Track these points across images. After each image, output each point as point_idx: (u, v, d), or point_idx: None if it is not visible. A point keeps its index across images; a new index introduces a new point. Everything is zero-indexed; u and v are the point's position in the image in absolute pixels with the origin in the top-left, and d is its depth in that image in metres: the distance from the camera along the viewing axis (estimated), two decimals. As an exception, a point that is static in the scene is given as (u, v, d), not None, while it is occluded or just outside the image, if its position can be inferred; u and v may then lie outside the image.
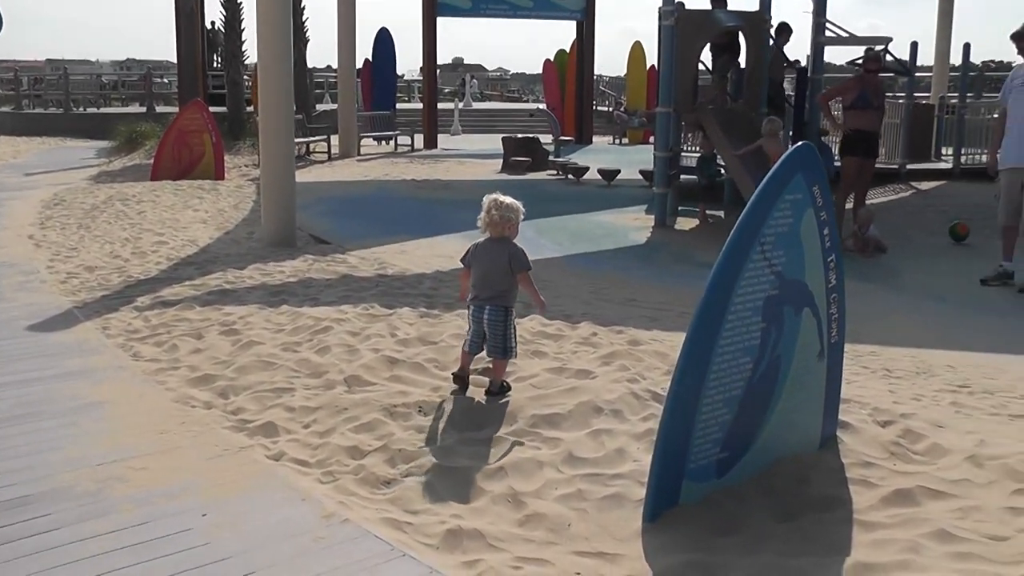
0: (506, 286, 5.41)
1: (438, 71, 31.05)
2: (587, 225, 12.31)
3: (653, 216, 13.09)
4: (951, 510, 3.96)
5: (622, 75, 43.07)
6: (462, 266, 5.65)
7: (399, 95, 34.96)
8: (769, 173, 4.17)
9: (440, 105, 27.58)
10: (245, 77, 25.95)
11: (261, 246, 10.65)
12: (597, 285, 8.41)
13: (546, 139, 22.50)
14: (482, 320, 5.40)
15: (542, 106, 28.46)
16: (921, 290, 9.00)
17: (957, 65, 20.56)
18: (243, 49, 25.67)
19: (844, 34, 13.34)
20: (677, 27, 12.00)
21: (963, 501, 4.04)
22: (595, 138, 28.30)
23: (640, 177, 16.65)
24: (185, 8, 24.53)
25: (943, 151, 18.29)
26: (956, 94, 20.51)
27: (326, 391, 5.46)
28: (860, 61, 12.71)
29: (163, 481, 4.28)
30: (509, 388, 5.50)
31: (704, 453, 4.14)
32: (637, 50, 31.98)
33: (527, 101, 67.39)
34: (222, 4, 25.32)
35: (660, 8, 12.12)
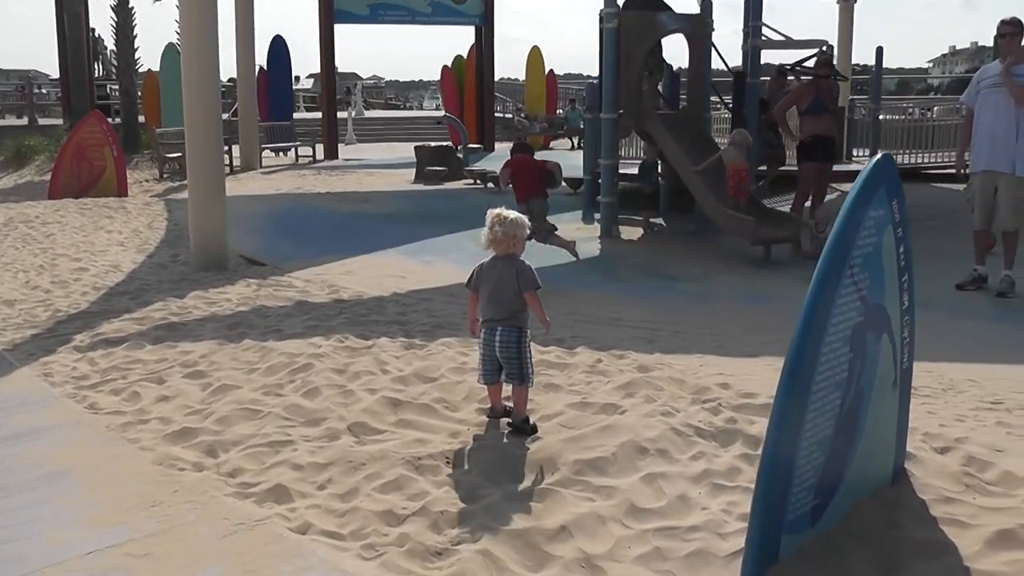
0: (518, 306, 5.01)
1: (312, 80, 30.28)
2: (530, 238, 11.78)
3: (594, 225, 12.66)
4: None
5: (517, 79, 43.01)
6: (468, 291, 5.23)
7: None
8: (856, 187, 3.69)
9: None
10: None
11: (191, 270, 9.81)
12: (571, 304, 7.90)
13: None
14: (493, 344, 4.98)
15: (445, 114, 27.79)
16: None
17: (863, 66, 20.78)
18: (136, 57, 24.40)
19: (780, 38, 13.13)
20: (620, 30, 11.57)
21: None
22: (496, 145, 27.81)
23: (564, 185, 16.29)
24: (71, 13, 23.09)
25: (855, 153, 18.38)
26: (863, 96, 20.80)
27: (331, 442, 4.77)
28: (809, 65, 12.56)
29: (177, 571, 3.57)
30: (535, 430, 5.00)
31: (801, 502, 3.69)
32: (535, 55, 31.76)
33: (411, 108, 66.88)
34: (112, 9, 24.03)
35: (602, 11, 11.67)
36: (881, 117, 18.74)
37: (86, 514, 4.07)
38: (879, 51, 18.77)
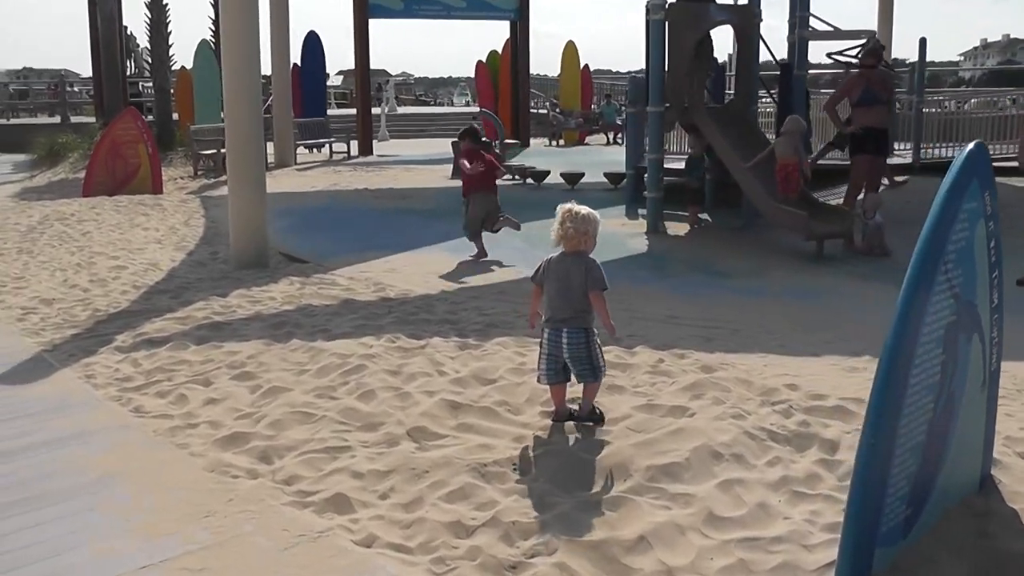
0: (584, 305, 4.84)
1: (341, 77, 30.19)
2: (574, 233, 11.54)
3: (638, 221, 12.42)
4: None
5: (547, 75, 42.73)
6: (533, 284, 5.07)
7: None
8: (949, 177, 3.46)
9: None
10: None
11: (231, 267, 9.64)
12: (625, 301, 7.64)
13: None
14: (560, 344, 4.81)
15: (482, 109, 27.59)
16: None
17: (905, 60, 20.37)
18: (171, 54, 24.31)
19: (828, 28, 12.80)
20: (667, 22, 11.30)
21: None
22: (531, 140, 27.58)
23: (605, 180, 16.07)
24: (104, 12, 23.00)
25: (895, 147, 18.00)
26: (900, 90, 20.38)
27: (391, 448, 4.58)
28: (859, 56, 12.21)
29: (239, 587, 3.39)
30: (602, 418, 4.91)
31: (894, 513, 3.51)
32: (570, 50, 31.47)
33: (441, 104, 66.69)
34: (147, 6, 23.87)
35: (649, 2, 11.40)
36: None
37: (136, 523, 3.89)
38: (923, 42, 18.36)
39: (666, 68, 11.55)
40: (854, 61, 12.53)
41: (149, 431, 5.00)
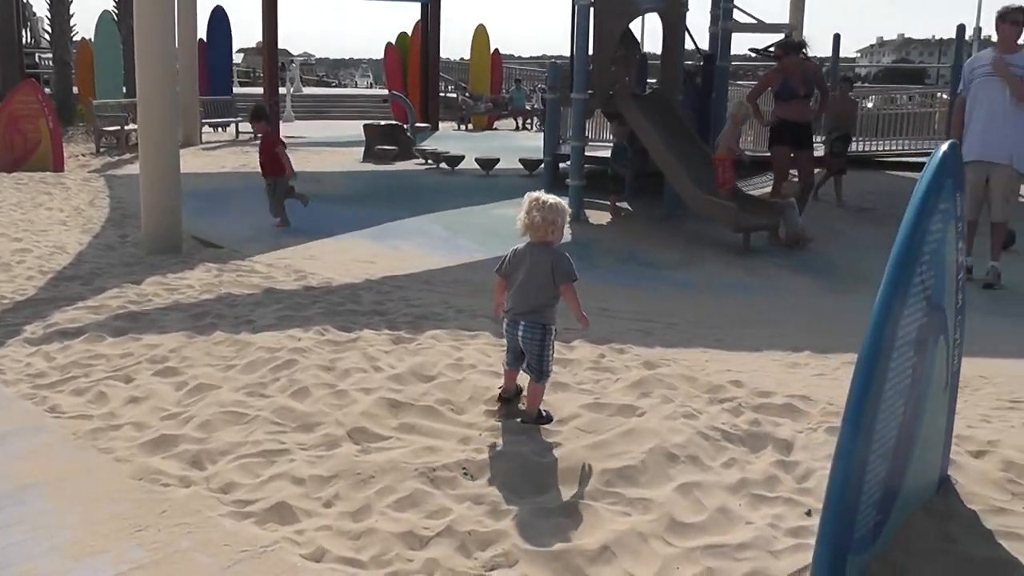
0: (546, 299, 4.69)
1: (241, 55, 29.46)
2: (497, 221, 11.31)
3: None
4: None
5: (456, 59, 42.43)
6: (497, 275, 4.92)
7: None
8: (925, 178, 3.36)
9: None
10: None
11: (143, 252, 9.20)
12: (555, 292, 7.50)
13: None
14: (516, 337, 4.68)
15: (392, 91, 27.20)
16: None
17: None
18: (72, 25, 23.29)
19: (751, 20, 12.81)
20: (594, 7, 11.15)
21: None
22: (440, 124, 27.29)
23: (520, 166, 15.94)
24: (-2, -23, 22.02)
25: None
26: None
27: (331, 451, 4.31)
28: (771, 49, 12.26)
29: (180, 611, 3.11)
30: (549, 419, 4.77)
31: (866, 520, 3.40)
32: (481, 34, 31.24)
33: (345, 86, 65.78)
34: (49, -26, 22.89)
35: (575, -12, 11.26)
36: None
37: (61, 541, 3.54)
38: (836, 38, 18.73)
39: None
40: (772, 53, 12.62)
41: (68, 433, 4.61)
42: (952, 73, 19.22)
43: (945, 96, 18.56)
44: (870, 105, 21.17)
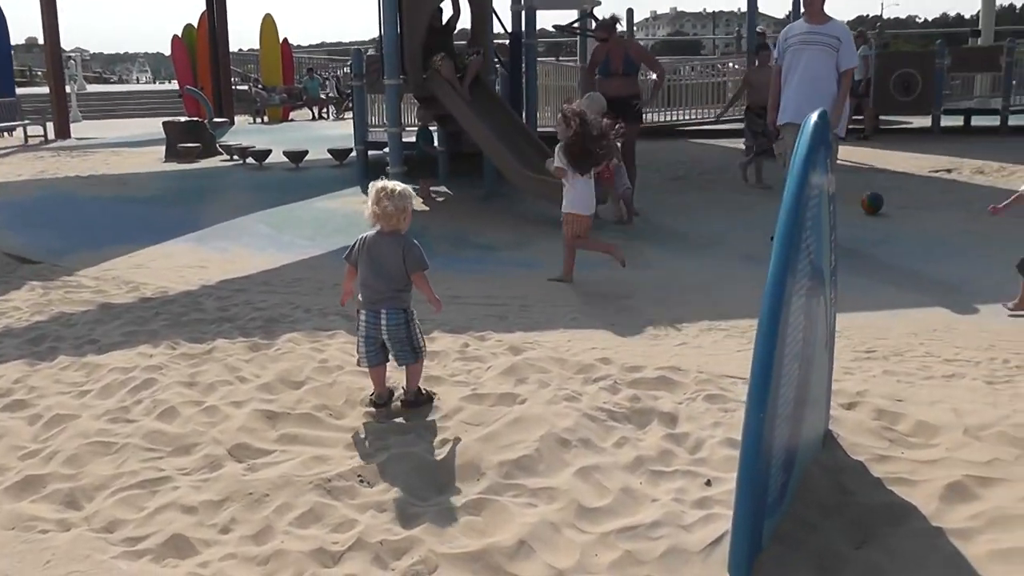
0: (402, 285, 4.74)
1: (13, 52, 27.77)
2: (319, 214, 11.06)
3: (378, 197, 12.11)
4: (1021, 497, 3.70)
5: (244, 49, 41.24)
6: (346, 263, 4.87)
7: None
8: (802, 148, 3.47)
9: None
10: None
11: (-51, 274, 8.51)
12: (399, 283, 7.39)
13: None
14: (379, 327, 4.67)
15: (187, 87, 26.15)
16: (730, 252, 8.74)
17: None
18: None
19: (554, -4, 12.97)
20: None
21: (1021, 485, 3.80)
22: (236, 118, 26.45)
23: (329, 156, 15.64)
24: None
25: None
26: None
27: (215, 472, 4.11)
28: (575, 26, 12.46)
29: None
30: (431, 397, 4.86)
31: (775, 484, 3.53)
32: (269, 23, 30.45)
33: (126, 81, 63.13)
34: None
35: (382, -31, 11.07)
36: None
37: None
38: (630, 13, 19.20)
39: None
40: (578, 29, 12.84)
41: (-87, 485, 4.21)
42: (739, 42, 20.12)
43: (735, 65, 19.37)
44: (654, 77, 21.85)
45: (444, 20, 11.94)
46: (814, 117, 3.56)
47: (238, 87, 29.82)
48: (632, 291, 6.71)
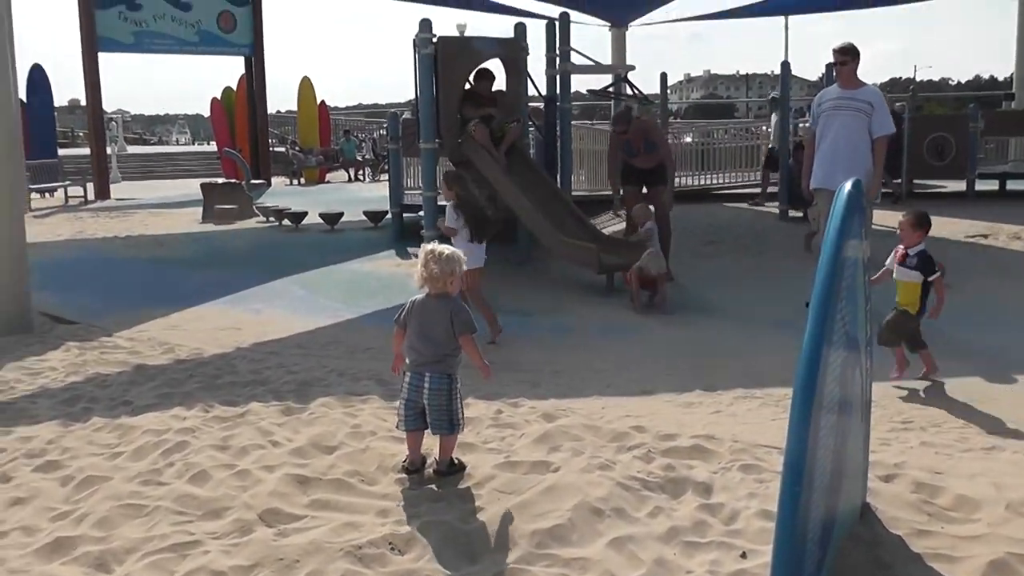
0: (448, 350, 4.70)
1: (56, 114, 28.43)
2: (354, 276, 11.15)
3: (411, 260, 12.18)
4: None
5: (282, 111, 41.83)
6: (395, 326, 4.85)
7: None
8: (836, 216, 3.45)
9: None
10: None
11: (-9, 334, 8.61)
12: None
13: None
14: (422, 390, 4.65)
15: (226, 149, 26.55)
16: (763, 319, 8.68)
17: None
18: None
19: (589, 62, 13.05)
20: (436, 57, 11.16)
21: None
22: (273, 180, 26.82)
23: (364, 218, 15.79)
24: None
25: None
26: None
27: (246, 536, 4.09)
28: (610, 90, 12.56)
29: None
30: (463, 467, 4.79)
31: (811, 560, 3.42)
32: (306, 86, 30.94)
33: (165, 143, 64.18)
34: None
35: (416, 36, 11.20)
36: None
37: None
38: (663, 77, 19.30)
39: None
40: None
41: (-55, 547, 4.22)
42: (772, 105, 20.21)
43: (767, 129, 19.44)
44: (688, 140, 21.97)
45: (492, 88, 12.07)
46: (848, 185, 3.55)
47: (275, 149, 30.30)
48: (666, 357, 6.67)
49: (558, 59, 12.80)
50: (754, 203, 17.27)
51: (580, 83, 30.43)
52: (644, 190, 11.23)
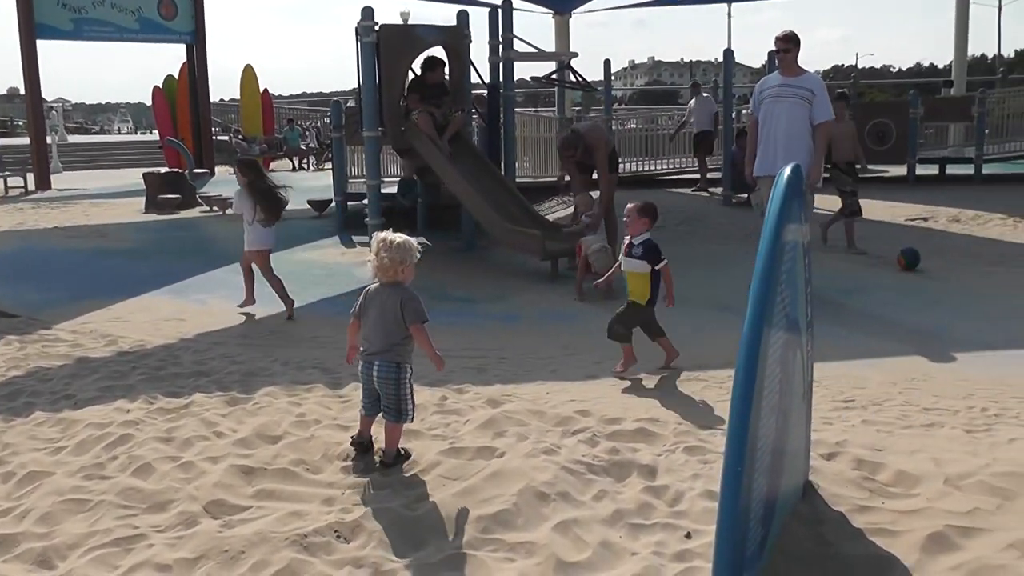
0: (398, 339, 4.70)
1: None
2: (297, 266, 11.04)
3: (356, 249, 12.17)
4: (1002, 547, 3.69)
5: (225, 99, 41.37)
6: (352, 317, 4.88)
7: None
8: (775, 202, 3.50)
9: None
10: None
11: (-77, 330, 8.43)
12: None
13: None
14: (372, 377, 4.69)
15: (168, 138, 26.18)
16: (706, 303, 8.74)
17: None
18: None
19: (532, 50, 13.06)
20: (380, 45, 11.09)
21: (1002, 535, 3.79)
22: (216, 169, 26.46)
23: (308, 207, 15.68)
24: None
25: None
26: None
27: (191, 529, 4.06)
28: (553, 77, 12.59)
29: None
30: (408, 456, 4.80)
31: (754, 537, 3.49)
32: (249, 74, 30.63)
33: (107, 132, 63.14)
34: None
35: (358, 24, 11.12)
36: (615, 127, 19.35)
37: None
38: (607, 64, 19.34)
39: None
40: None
41: None
42: (716, 92, 20.39)
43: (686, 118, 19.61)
44: (632, 126, 22.10)
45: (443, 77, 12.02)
46: (787, 171, 3.59)
47: (218, 138, 29.92)
48: (606, 343, 6.70)
49: (501, 47, 12.79)
50: (697, 189, 17.45)
51: (524, 70, 30.41)
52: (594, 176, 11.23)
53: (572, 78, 14.03)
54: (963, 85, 25.34)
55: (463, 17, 12.22)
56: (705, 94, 18.80)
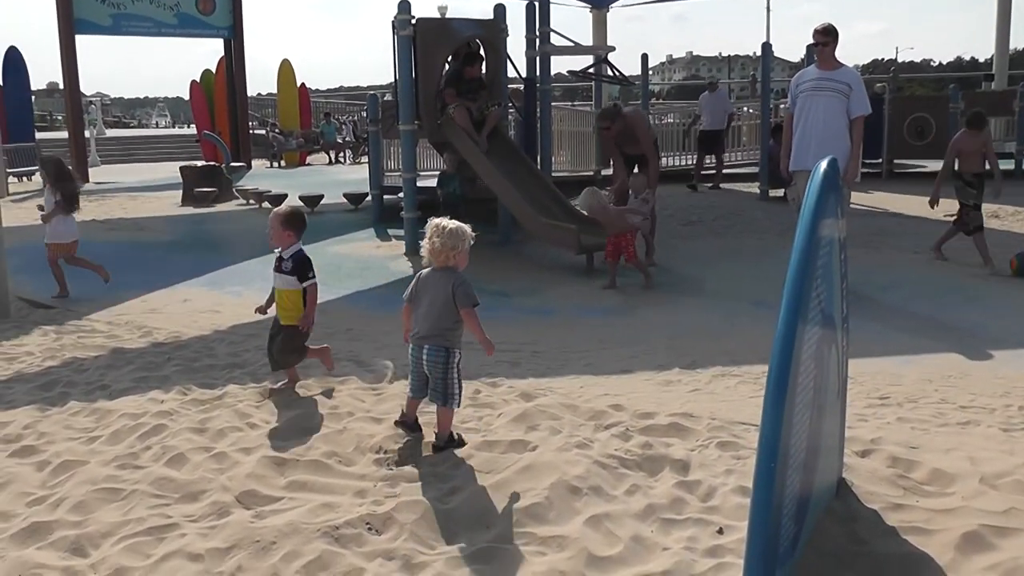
0: (449, 323, 4.76)
1: (33, 99, 28.29)
2: (333, 258, 11.12)
3: (392, 242, 12.22)
4: None
5: (262, 94, 41.60)
6: (404, 302, 4.95)
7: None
8: (811, 196, 3.45)
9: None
10: None
11: (-35, 319, 8.54)
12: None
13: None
14: (421, 361, 4.75)
15: (205, 132, 26.42)
16: (741, 298, 8.66)
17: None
18: None
19: (569, 44, 13.02)
20: (417, 38, 11.12)
21: None
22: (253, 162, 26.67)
23: (344, 201, 15.77)
24: None
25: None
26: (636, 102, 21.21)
27: (223, 519, 4.07)
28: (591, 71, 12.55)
29: None
30: (461, 442, 4.83)
31: (787, 533, 3.45)
32: (286, 68, 30.83)
33: (145, 126, 63.82)
34: None
35: (395, 18, 11.16)
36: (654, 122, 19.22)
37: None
38: (644, 58, 19.24)
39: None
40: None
41: (-80, 529, 4.19)
42: (754, 86, 20.19)
43: (750, 110, 19.45)
44: (670, 120, 21.96)
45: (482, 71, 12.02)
46: (823, 165, 3.54)
47: (255, 131, 30.16)
48: (645, 336, 6.68)
49: (538, 41, 12.78)
50: (691, 186, 17.11)
51: (561, 64, 30.39)
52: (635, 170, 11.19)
53: (609, 72, 13.98)
54: (1004, 79, 25.00)
55: (500, 11, 12.22)
56: (720, 92, 18.61)
